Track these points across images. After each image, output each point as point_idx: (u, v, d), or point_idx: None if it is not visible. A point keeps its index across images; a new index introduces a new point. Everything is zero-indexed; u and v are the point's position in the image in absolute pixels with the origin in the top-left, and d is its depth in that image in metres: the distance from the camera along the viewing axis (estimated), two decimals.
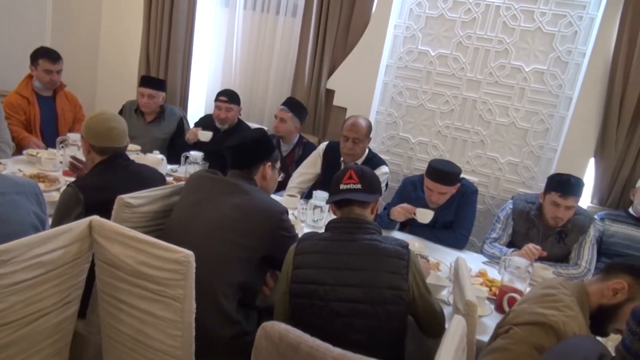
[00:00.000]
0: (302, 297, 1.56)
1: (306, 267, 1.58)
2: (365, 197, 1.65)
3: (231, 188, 1.80)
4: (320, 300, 1.53)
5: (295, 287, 1.57)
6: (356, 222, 1.64)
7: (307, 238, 1.66)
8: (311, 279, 1.55)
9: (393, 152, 3.71)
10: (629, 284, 1.41)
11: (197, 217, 1.75)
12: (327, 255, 1.58)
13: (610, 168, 3.08)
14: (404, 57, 3.55)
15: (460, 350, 1.27)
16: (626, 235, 2.83)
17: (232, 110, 3.38)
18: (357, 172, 1.68)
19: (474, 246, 3.32)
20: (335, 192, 1.69)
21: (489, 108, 3.40)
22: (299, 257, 1.60)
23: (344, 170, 1.71)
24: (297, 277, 1.57)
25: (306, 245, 1.62)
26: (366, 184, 1.67)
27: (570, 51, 3.18)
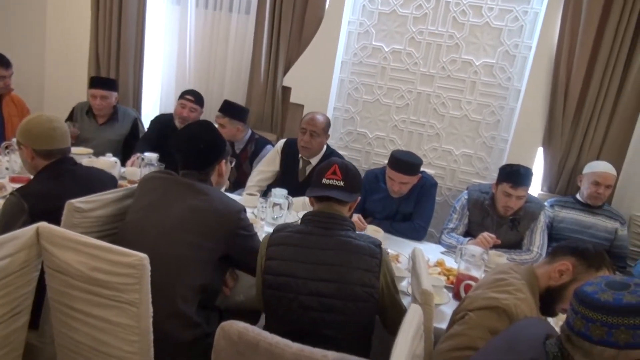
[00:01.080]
0: (274, 289, 1.56)
1: (279, 259, 1.57)
2: (346, 196, 1.65)
3: (186, 188, 1.76)
4: (291, 293, 1.53)
5: (268, 279, 1.57)
6: (332, 218, 1.64)
7: (281, 229, 1.65)
8: (283, 272, 1.55)
9: (351, 147, 3.74)
10: (573, 265, 1.48)
11: (152, 220, 1.71)
12: (301, 249, 1.57)
13: (558, 157, 3.22)
14: (359, 53, 3.58)
15: (418, 337, 1.29)
16: (574, 220, 2.96)
17: (196, 111, 3.33)
18: (341, 168, 1.67)
19: (433, 237, 3.39)
20: (317, 185, 1.67)
21: (443, 102, 3.48)
22: (272, 248, 1.60)
23: (328, 164, 1.69)
24: (270, 268, 1.57)
25: (280, 237, 1.62)
26: (349, 182, 1.66)
27: (517, 45, 3.30)
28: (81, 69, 4.03)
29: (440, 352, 1.43)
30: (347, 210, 1.70)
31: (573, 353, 1.00)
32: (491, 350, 1.17)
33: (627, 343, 0.93)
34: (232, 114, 3.12)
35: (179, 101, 3.33)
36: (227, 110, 3.14)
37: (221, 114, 3.13)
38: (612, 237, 2.91)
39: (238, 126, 3.14)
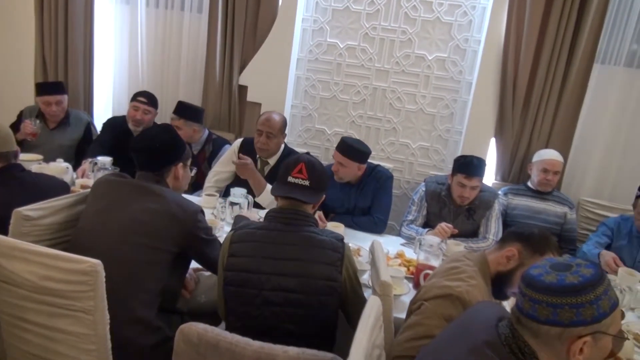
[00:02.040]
0: (235, 286, 1.55)
1: (241, 256, 1.57)
2: (311, 197, 1.65)
3: (141, 191, 1.73)
4: (253, 288, 1.53)
5: (229, 275, 1.56)
6: (296, 214, 1.64)
7: (244, 226, 1.64)
8: (245, 268, 1.55)
9: (310, 144, 3.75)
10: (519, 250, 1.54)
11: (106, 224, 1.68)
12: (264, 245, 1.57)
13: (509, 146, 3.33)
14: (314, 50, 3.59)
15: (377, 328, 1.32)
16: (527, 207, 3.07)
17: (150, 114, 3.25)
18: (307, 167, 1.66)
19: (394, 230, 3.45)
20: (282, 182, 1.67)
21: (398, 96, 3.54)
22: (234, 245, 1.59)
23: (294, 162, 1.68)
24: (232, 265, 1.56)
25: (243, 234, 1.61)
26: (315, 181, 1.66)
27: (467, 39, 3.39)
28: (27, 72, 3.87)
29: (399, 343, 1.46)
30: (312, 207, 1.71)
31: (523, 333, 1.04)
32: (447, 336, 1.20)
33: (571, 321, 0.98)
34: (187, 115, 3.07)
35: (131, 104, 3.25)
36: (182, 112, 3.08)
37: (176, 116, 3.08)
38: (562, 221, 3.04)
39: (194, 127, 3.10)
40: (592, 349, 0.99)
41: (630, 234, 2.74)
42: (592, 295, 0.98)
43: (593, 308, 0.97)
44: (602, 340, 1.00)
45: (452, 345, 1.13)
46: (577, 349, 0.98)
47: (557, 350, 1.01)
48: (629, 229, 2.76)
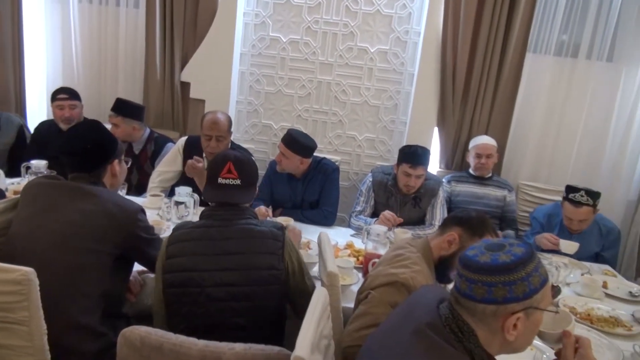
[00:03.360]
0: (176, 287, 1.52)
1: (180, 256, 1.54)
2: (244, 196, 1.65)
3: (75, 192, 1.66)
4: (196, 287, 1.51)
5: (169, 277, 1.52)
6: (231, 209, 1.63)
7: (180, 227, 1.61)
8: (185, 267, 1.52)
9: (257, 140, 3.72)
10: (459, 235, 1.59)
11: (40, 229, 1.60)
12: (203, 242, 1.55)
13: (452, 135, 3.44)
14: (257, 44, 3.56)
15: (325, 319, 1.33)
16: (469, 193, 3.18)
17: (77, 107, 3.11)
18: (236, 165, 1.64)
19: (345, 221, 3.48)
20: (213, 186, 1.64)
21: (343, 89, 3.57)
22: (172, 246, 1.56)
23: (222, 161, 1.65)
24: (171, 266, 1.53)
25: (180, 234, 1.58)
26: (245, 179, 1.64)
27: (407, 31, 3.45)
28: None
29: (349, 333, 1.48)
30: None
31: (461, 313, 1.08)
32: (391, 322, 1.23)
33: (505, 298, 1.02)
34: (125, 113, 2.97)
35: (53, 104, 3.09)
36: (120, 109, 2.98)
37: (114, 113, 2.97)
38: (502, 204, 3.18)
39: (134, 125, 3.00)
40: (525, 323, 1.04)
41: (561, 223, 2.83)
42: (523, 273, 1.02)
43: (524, 285, 1.02)
44: (533, 315, 1.05)
45: (397, 330, 1.16)
46: (510, 325, 1.03)
47: (493, 327, 1.05)
48: (561, 219, 2.82)
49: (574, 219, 2.68)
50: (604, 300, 2.27)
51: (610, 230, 2.80)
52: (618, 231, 2.85)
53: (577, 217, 2.66)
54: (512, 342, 1.06)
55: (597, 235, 2.79)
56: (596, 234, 2.78)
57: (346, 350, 1.45)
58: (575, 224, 2.68)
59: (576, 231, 2.74)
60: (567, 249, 2.59)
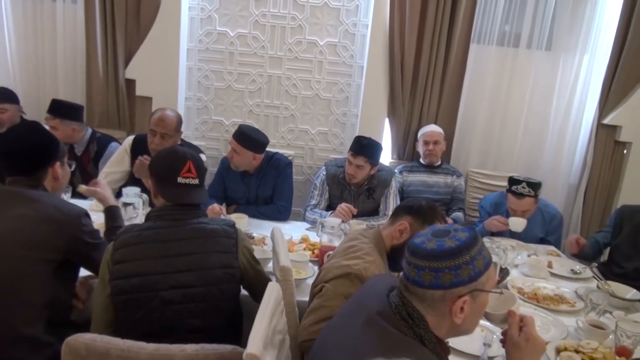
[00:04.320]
0: (127, 293, 1.46)
1: (129, 261, 1.48)
2: (202, 196, 1.64)
3: (13, 197, 1.58)
4: (149, 291, 1.46)
5: (119, 284, 1.46)
6: (182, 208, 1.59)
7: (127, 231, 1.55)
8: (136, 272, 1.47)
9: (209, 136, 3.65)
10: (410, 223, 1.61)
11: None
12: (153, 244, 1.50)
13: (402, 126, 3.49)
14: (204, 39, 3.48)
15: (278, 313, 1.32)
16: (421, 182, 3.25)
17: (7, 111, 2.95)
18: (195, 165, 1.61)
19: (300, 216, 3.47)
20: (172, 185, 1.59)
21: (294, 83, 3.55)
22: (119, 251, 1.49)
23: (181, 160, 1.60)
24: (120, 272, 1.47)
25: (127, 238, 1.52)
26: (201, 178, 1.64)
27: (355, 24, 3.47)
28: None
29: (305, 327, 1.47)
30: None
31: (411, 300, 1.10)
32: (344, 313, 1.23)
33: (451, 282, 1.05)
34: (63, 114, 2.84)
35: None
36: (57, 110, 2.84)
37: (50, 115, 2.83)
38: (452, 189, 3.27)
39: (73, 126, 2.87)
40: (471, 306, 1.07)
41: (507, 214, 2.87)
42: (467, 257, 1.05)
43: (469, 268, 1.05)
44: (479, 297, 1.08)
45: (349, 321, 1.17)
46: (458, 308, 1.05)
47: (442, 312, 1.07)
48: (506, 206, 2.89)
49: (517, 209, 2.76)
50: (549, 279, 2.37)
51: (553, 216, 2.91)
52: (561, 216, 2.98)
53: (520, 208, 2.75)
54: (460, 324, 1.08)
55: (541, 222, 2.90)
56: (540, 221, 2.89)
57: (302, 345, 1.45)
58: (519, 214, 2.77)
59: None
60: (515, 225, 2.69)
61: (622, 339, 1.68)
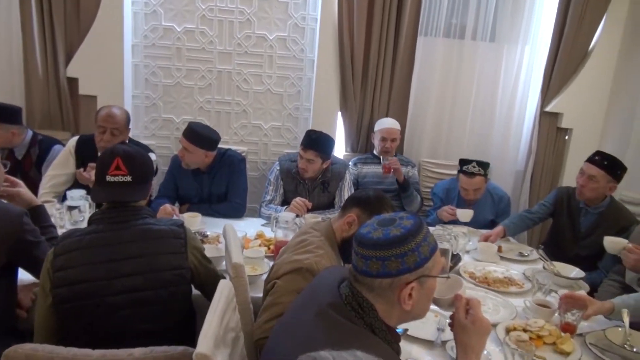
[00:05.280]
0: (71, 301, 1.40)
1: (71, 267, 1.42)
2: (137, 193, 1.56)
3: None
4: (94, 298, 1.41)
5: (61, 292, 1.40)
6: (124, 210, 1.53)
7: (68, 236, 1.49)
8: (80, 278, 1.41)
9: (159, 135, 3.56)
10: (358, 215, 1.62)
11: None
12: (95, 249, 1.45)
13: (354, 118, 3.51)
14: (149, 35, 3.38)
15: (230, 311, 1.31)
16: (374, 173, 3.28)
17: None
18: (125, 160, 1.53)
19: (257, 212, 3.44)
20: (101, 184, 1.53)
21: (245, 78, 3.51)
22: (60, 258, 1.43)
23: (109, 158, 1.53)
24: (62, 280, 1.41)
25: (68, 244, 1.46)
26: (137, 174, 1.54)
27: (304, 17, 3.46)
28: None
29: (259, 325, 1.46)
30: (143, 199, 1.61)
31: (360, 290, 1.11)
32: (295, 307, 1.23)
33: (398, 270, 1.06)
34: None
35: None
36: None
37: None
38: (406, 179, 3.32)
39: (12, 130, 2.73)
40: (419, 292, 1.09)
41: (458, 195, 3.04)
42: (413, 244, 1.06)
43: (415, 255, 1.06)
44: (427, 283, 1.10)
45: (300, 315, 1.16)
46: (406, 295, 1.07)
47: (391, 300, 1.08)
48: (458, 192, 3.03)
49: (469, 188, 2.88)
50: (499, 263, 2.45)
51: (501, 197, 3.05)
52: (508, 198, 3.10)
53: (471, 186, 2.87)
54: (409, 311, 1.10)
55: (490, 204, 3.02)
56: (489, 203, 3.02)
57: (258, 343, 1.44)
58: (471, 193, 2.89)
59: (472, 200, 2.93)
60: (463, 217, 2.79)
61: (566, 316, 1.76)
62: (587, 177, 2.51)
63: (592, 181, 2.51)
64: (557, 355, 1.62)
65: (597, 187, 2.51)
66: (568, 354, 1.61)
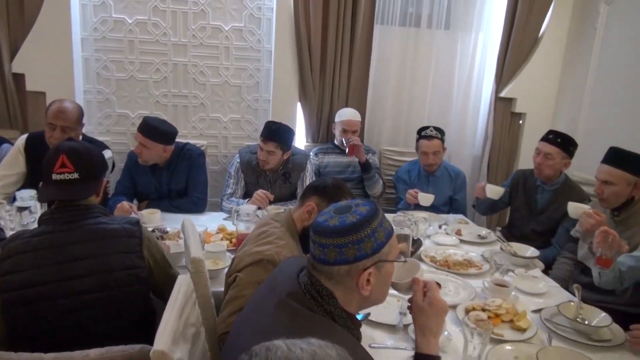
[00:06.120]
0: (21, 306, 1.35)
1: (20, 271, 1.37)
2: (85, 191, 1.50)
3: None
4: (45, 301, 1.36)
5: (10, 297, 1.35)
6: (75, 209, 1.48)
7: (15, 238, 1.44)
8: (29, 282, 1.36)
9: (114, 131, 3.45)
10: (317, 203, 1.62)
11: None
12: (45, 251, 1.40)
13: (314, 109, 3.51)
14: (99, 27, 3.27)
15: (189, 306, 1.29)
16: (336, 163, 3.30)
17: None
18: (70, 157, 1.47)
19: (219, 207, 3.40)
20: (48, 183, 1.47)
21: (201, 70, 3.44)
22: (7, 261, 1.38)
23: (54, 155, 1.47)
24: (10, 284, 1.35)
25: (15, 246, 1.40)
26: (84, 171, 1.49)
27: (260, 7, 3.41)
28: None
29: (222, 320, 1.45)
30: (95, 196, 1.56)
31: (319, 278, 1.11)
32: (256, 299, 1.22)
33: (355, 256, 1.07)
34: None
35: None
36: None
37: None
38: None
39: None
40: (377, 277, 1.10)
41: (419, 175, 3.18)
42: (369, 230, 1.07)
43: (371, 241, 1.07)
44: (384, 268, 1.12)
45: (261, 306, 1.16)
46: (364, 281, 1.08)
47: (349, 286, 1.09)
48: (418, 171, 3.21)
49: (429, 151, 3.06)
50: (459, 246, 2.51)
51: (457, 173, 3.23)
52: (464, 175, 3.29)
53: (431, 149, 3.06)
54: (368, 296, 1.11)
55: (448, 180, 3.19)
56: (447, 178, 3.19)
57: (221, 338, 1.42)
58: (431, 157, 3.07)
59: (432, 166, 3.11)
60: (424, 200, 2.88)
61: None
62: (543, 155, 2.66)
63: (548, 159, 2.65)
64: (514, 332, 1.67)
65: (553, 164, 2.66)
66: (524, 330, 1.67)
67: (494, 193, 2.82)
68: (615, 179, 2.11)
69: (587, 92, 3.46)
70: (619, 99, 3.19)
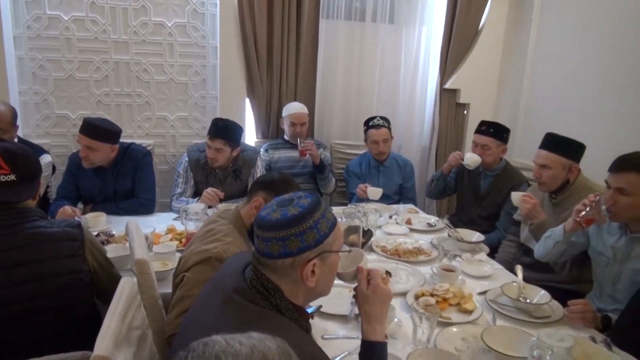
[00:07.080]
0: None
1: None
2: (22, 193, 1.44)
3: None
4: None
5: None
6: (8, 213, 1.41)
7: None
8: None
9: (54, 133, 3.31)
10: (264, 198, 1.61)
11: None
12: None
13: (263, 104, 3.49)
14: (33, 25, 3.11)
15: (134, 309, 1.26)
16: (287, 158, 3.30)
17: None
18: (6, 158, 1.40)
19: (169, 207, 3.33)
20: None
21: (144, 68, 3.34)
22: None
23: None
24: None
25: None
26: (21, 172, 1.43)
27: (203, 3, 3.35)
28: None
29: (170, 321, 1.42)
30: (32, 199, 1.50)
31: (264, 272, 1.10)
32: (202, 298, 1.21)
33: (298, 249, 1.07)
34: None
35: None
36: None
37: None
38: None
39: None
40: (321, 268, 1.10)
41: (369, 166, 3.23)
42: (311, 221, 1.08)
43: (314, 232, 1.08)
44: (329, 259, 1.12)
45: (207, 304, 1.14)
46: (308, 272, 1.08)
47: (295, 278, 1.09)
48: (368, 162, 3.27)
49: (379, 139, 3.15)
50: (410, 234, 2.57)
51: (405, 162, 3.34)
52: (411, 164, 3.39)
53: (380, 137, 3.15)
54: (314, 288, 1.11)
55: (397, 169, 3.29)
56: (396, 168, 3.28)
57: (170, 339, 1.40)
58: (381, 144, 3.15)
59: (383, 154, 3.19)
60: (373, 194, 2.93)
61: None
62: (481, 147, 2.77)
63: (485, 149, 2.75)
64: (461, 314, 1.73)
65: (491, 152, 2.79)
66: (471, 311, 1.74)
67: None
68: (552, 163, 2.22)
69: (526, 81, 3.62)
70: (556, 86, 3.35)
